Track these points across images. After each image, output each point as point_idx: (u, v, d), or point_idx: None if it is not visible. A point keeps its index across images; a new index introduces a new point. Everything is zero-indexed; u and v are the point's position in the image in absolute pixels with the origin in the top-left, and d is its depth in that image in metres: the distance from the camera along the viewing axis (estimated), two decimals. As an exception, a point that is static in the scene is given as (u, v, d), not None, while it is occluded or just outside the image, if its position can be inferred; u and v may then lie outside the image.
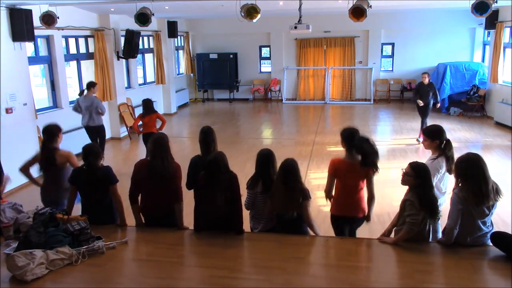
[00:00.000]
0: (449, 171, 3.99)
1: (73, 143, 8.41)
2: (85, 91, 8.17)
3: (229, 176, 3.71)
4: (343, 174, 3.91)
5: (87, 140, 7.70)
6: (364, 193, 4.00)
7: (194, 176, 4.11)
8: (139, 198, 3.97)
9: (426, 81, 9.67)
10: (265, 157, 3.87)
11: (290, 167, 3.69)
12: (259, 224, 3.92)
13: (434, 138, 4.07)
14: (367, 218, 4.02)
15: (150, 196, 3.93)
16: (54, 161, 4.39)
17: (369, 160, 3.82)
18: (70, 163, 4.42)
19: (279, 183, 3.68)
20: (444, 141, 4.04)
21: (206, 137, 4.33)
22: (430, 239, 3.61)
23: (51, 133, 4.49)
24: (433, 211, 3.41)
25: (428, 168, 3.50)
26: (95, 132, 8.22)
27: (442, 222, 3.74)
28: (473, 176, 3.29)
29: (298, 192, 3.66)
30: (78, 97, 8.40)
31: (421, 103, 9.63)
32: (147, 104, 7.91)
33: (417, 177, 3.44)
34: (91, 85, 8.22)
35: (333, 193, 4.04)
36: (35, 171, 4.72)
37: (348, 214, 3.97)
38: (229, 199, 3.66)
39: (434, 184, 3.92)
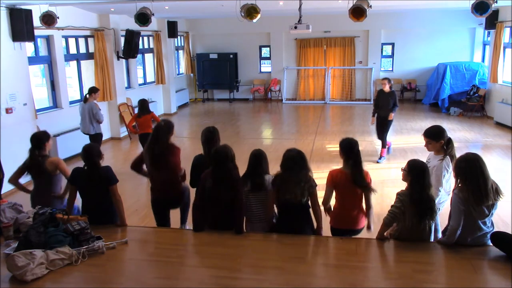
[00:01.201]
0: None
1: (73, 143, 8.46)
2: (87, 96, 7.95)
3: (235, 172, 3.77)
4: (341, 185, 3.84)
5: (87, 140, 7.69)
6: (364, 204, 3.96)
7: (197, 174, 4.14)
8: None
9: (387, 88, 8.33)
10: (254, 157, 3.93)
11: (293, 156, 3.69)
12: (254, 226, 3.93)
13: (438, 138, 4.07)
14: (368, 226, 3.97)
15: (156, 175, 4.51)
16: (44, 169, 4.34)
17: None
18: (60, 170, 4.38)
19: (284, 171, 3.66)
20: (450, 141, 4.06)
21: (213, 136, 4.36)
22: (432, 239, 3.61)
23: (39, 141, 4.39)
24: (424, 211, 3.40)
25: (423, 167, 3.48)
26: (92, 140, 7.95)
27: (442, 221, 3.75)
28: (472, 175, 3.29)
29: (304, 178, 3.64)
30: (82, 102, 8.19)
31: (392, 116, 8.38)
32: (143, 105, 7.92)
33: (409, 174, 3.46)
34: (91, 90, 7.98)
35: (332, 205, 3.99)
36: (24, 178, 4.64)
37: (348, 227, 3.91)
38: (232, 198, 3.69)
39: (442, 184, 3.93)
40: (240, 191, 3.75)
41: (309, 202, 3.78)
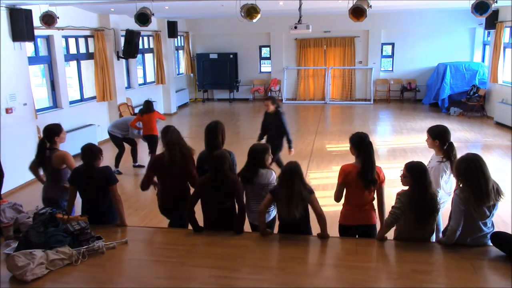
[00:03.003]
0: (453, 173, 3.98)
1: (73, 143, 8.44)
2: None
3: (233, 177, 3.77)
4: (353, 180, 3.72)
5: (86, 140, 7.67)
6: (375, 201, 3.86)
7: (201, 170, 4.19)
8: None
9: (271, 108, 6.80)
10: (249, 151, 4.02)
11: (294, 171, 3.61)
12: (252, 215, 4.01)
13: (435, 137, 4.06)
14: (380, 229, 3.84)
15: (166, 185, 4.21)
16: (50, 161, 4.37)
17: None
18: (66, 164, 4.39)
19: (284, 188, 3.58)
20: (447, 143, 4.01)
21: (214, 130, 4.39)
22: (433, 239, 3.61)
23: (51, 133, 4.45)
24: (426, 211, 3.39)
25: (422, 167, 3.48)
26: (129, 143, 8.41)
27: (443, 221, 3.74)
28: (473, 176, 3.29)
29: (302, 194, 3.58)
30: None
31: (292, 152, 6.95)
32: (147, 105, 8.00)
33: (411, 178, 3.44)
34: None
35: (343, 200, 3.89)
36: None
37: (359, 223, 3.79)
38: (232, 200, 3.71)
39: (440, 185, 3.92)
40: (240, 194, 3.76)
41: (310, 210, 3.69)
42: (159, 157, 4.27)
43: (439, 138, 4.05)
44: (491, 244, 3.35)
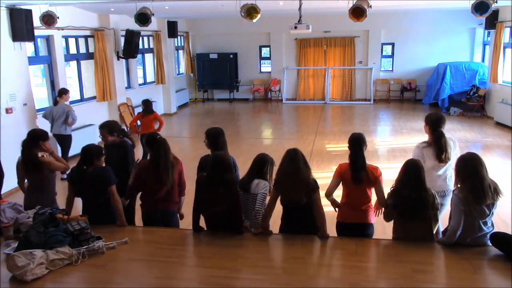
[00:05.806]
0: (439, 160, 4.04)
1: (73, 143, 8.43)
2: (58, 99, 7.87)
3: (229, 177, 3.73)
4: (349, 179, 3.77)
5: (86, 140, 7.65)
6: (373, 199, 3.88)
7: None
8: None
9: (110, 139, 4.79)
10: (255, 158, 3.98)
11: (295, 154, 3.66)
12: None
13: (427, 122, 4.21)
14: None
15: (152, 193, 4.07)
16: (37, 167, 4.27)
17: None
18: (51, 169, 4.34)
19: (286, 171, 3.61)
20: (438, 130, 4.09)
21: (219, 138, 4.30)
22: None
23: (34, 138, 4.35)
24: (412, 209, 3.44)
25: (408, 165, 3.56)
26: (61, 141, 7.88)
27: (443, 222, 3.75)
28: (469, 174, 3.32)
29: (307, 179, 3.60)
30: (51, 105, 8.06)
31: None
32: (147, 105, 7.96)
33: (403, 173, 3.57)
34: (62, 92, 7.94)
35: (339, 200, 3.94)
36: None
37: (356, 221, 3.81)
38: (229, 201, 3.68)
39: None
40: (237, 194, 3.75)
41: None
42: (146, 164, 4.14)
43: (430, 123, 4.15)
44: (490, 244, 3.35)
